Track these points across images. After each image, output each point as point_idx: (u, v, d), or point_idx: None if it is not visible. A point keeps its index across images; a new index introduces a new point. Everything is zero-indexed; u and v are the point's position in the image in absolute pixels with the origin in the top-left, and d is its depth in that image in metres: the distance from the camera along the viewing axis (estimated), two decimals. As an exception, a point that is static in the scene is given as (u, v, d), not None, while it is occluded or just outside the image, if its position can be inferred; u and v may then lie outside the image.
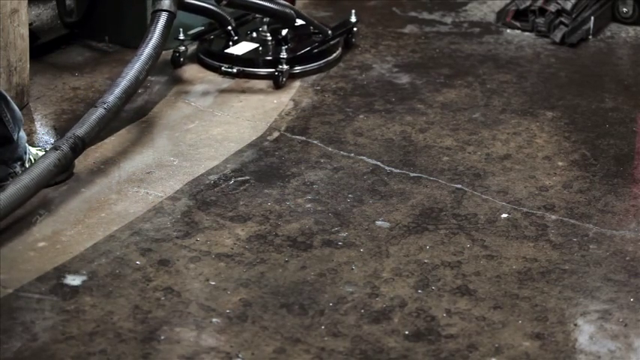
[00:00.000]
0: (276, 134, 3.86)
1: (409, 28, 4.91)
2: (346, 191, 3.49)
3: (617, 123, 4.00)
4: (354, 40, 4.68)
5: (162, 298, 2.92)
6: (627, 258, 3.15)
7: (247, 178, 3.55)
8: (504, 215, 3.36)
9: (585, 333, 2.82)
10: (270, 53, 4.40)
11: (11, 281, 2.96)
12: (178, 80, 4.33)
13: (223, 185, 3.50)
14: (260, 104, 4.09)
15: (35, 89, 4.12)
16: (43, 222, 3.24)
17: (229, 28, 4.46)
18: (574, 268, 3.09)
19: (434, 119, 4.00)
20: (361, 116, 4.01)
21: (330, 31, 4.51)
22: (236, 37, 4.46)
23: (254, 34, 4.52)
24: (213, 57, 4.42)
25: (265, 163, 3.65)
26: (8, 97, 3.32)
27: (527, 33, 4.84)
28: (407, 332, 2.81)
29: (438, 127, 3.93)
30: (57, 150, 3.27)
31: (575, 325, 2.85)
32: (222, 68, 4.34)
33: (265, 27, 4.50)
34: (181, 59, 4.40)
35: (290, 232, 3.25)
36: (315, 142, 3.81)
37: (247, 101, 4.11)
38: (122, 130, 3.84)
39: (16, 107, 3.34)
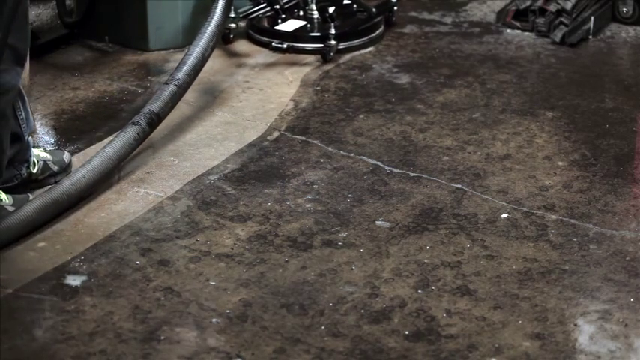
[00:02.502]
0: (276, 134, 3.86)
1: (409, 28, 4.91)
2: (346, 191, 3.49)
3: (617, 123, 4.00)
4: (394, 18, 4.91)
5: (162, 298, 2.92)
6: (627, 258, 3.15)
7: (247, 178, 3.55)
8: (504, 215, 3.36)
9: (585, 333, 2.82)
10: (317, 30, 4.62)
11: (11, 281, 2.96)
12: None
13: (223, 185, 3.50)
14: (260, 104, 4.09)
15: (35, 89, 4.12)
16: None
17: (277, 6, 4.65)
18: (574, 268, 3.09)
19: (434, 119, 4.00)
20: (361, 116, 4.01)
21: (374, 10, 4.74)
22: (284, 15, 4.67)
23: (301, 12, 4.74)
24: (263, 34, 4.64)
25: (265, 163, 3.65)
26: (26, 98, 3.34)
27: (527, 33, 4.84)
28: (407, 332, 2.81)
29: (438, 127, 3.94)
30: (135, 125, 3.49)
31: (575, 325, 2.85)
32: (273, 44, 4.57)
33: (313, 5, 4.69)
34: (231, 36, 4.63)
35: (290, 232, 3.25)
36: (315, 142, 3.81)
37: (247, 101, 4.11)
38: (122, 130, 3.84)
39: (30, 110, 3.37)
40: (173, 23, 4.52)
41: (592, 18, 4.79)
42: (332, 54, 4.50)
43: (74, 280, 2.98)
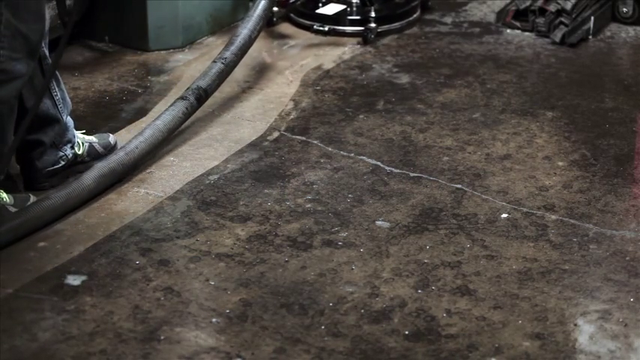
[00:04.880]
0: (276, 134, 3.86)
1: (409, 29, 4.90)
2: (346, 191, 3.49)
3: (617, 123, 3.99)
4: (429, 3, 5.07)
5: (162, 298, 2.92)
6: (627, 258, 3.15)
7: (247, 178, 3.55)
8: (504, 215, 3.36)
9: (585, 333, 2.82)
10: (357, 13, 4.81)
11: (11, 281, 2.96)
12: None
13: (223, 185, 3.50)
14: (260, 104, 4.09)
15: (35, 89, 4.12)
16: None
17: None
18: (574, 268, 3.09)
19: (434, 119, 4.00)
20: (361, 116, 4.01)
21: None
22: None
23: None
24: (305, 17, 4.84)
25: (265, 163, 3.65)
26: (60, 78, 3.39)
27: (527, 33, 4.84)
28: (407, 332, 2.81)
29: (438, 127, 3.93)
30: (184, 100, 3.69)
31: (575, 325, 2.85)
32: (315, 27, 4.77)
33: None
34: (274, 19, 4.81)
35: (290, 232, 3.25)
36: (315, 142, 3.81)
37: (247, 101, 4.11)
38: (122, 130, 3.84)
39: (65, 90, 3.42)
40: (173, 23, 4.52)
41: (592, 18, 4.79)
42: (372, 36, 4.67)
43: (74, 280, 2.98)
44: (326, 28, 4.75)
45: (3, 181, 3.21)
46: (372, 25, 4.70)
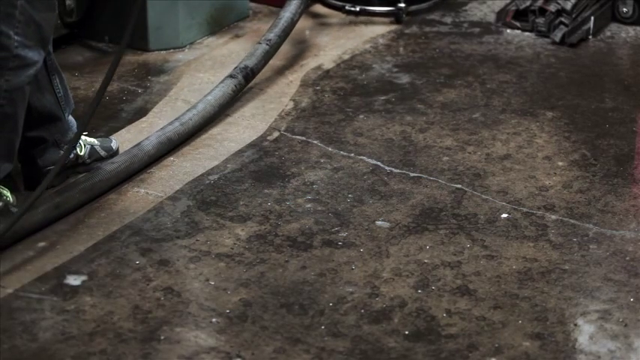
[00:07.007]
0: (276, 134, 3.86)
1: (409, 28, 4.91)
2: (346, 191, 3.49)
3: (617, 123, 3.99)
4: None
5: (162, 298, 2.92)
6: (627, 258, 3.15)
7: (247, 178, 3.55)
8: (504, 215, 3.36)
9: (585, 333, 2.82)
10: None
11: (11, 281, 2.96)
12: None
13: (223, 185, 3.50)
14: (260, 104, 4.09)
15: (35, 89, 4.12)
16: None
17: None
18: (574, 268, 3.09)
19: (434, 119, 4.00)
20: (361, 116, 4.01)
21: None
22: None
23: None
24: None
25: (265, 163, 3.65)
26: (63, 76, 3.40)
27: (527, 33, 4.84)
28: (407, 332, 2.81)
29: (438, 127, 3.93)
30: (233, 78, 3.93)
31: (575, 325, 2.85)
32: (346, 7, 4.96)
33: None
34: (308, 1, 4.85)
35: (290, 232, 3.25)
36: (315, 142, 3.81)
37: (247, 101, 4.11)
38: (122, 130, 3.84)
39: (68, 87, 3.43)
40: (173, 23, 4.52)
41: (592, 18, 4.78)
42: (404, 15, 4.85)
43: (74, 280, 2.99)
44: (357, 9, 4.89)
45: (4, 180, 3.21)
46: (402, 4, 4.83)
